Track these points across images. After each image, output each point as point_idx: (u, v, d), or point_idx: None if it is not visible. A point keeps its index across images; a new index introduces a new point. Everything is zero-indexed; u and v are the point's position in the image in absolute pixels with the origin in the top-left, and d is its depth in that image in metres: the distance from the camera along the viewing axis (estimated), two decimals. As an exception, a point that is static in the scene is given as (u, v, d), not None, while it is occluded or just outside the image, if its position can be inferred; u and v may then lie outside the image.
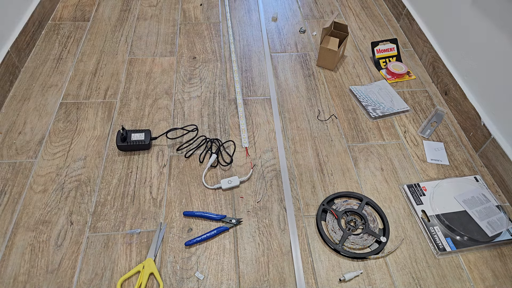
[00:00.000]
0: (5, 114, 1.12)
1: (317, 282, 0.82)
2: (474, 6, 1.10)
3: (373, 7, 1.65)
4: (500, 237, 0.89)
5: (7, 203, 0.92)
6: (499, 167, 1.00)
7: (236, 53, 1.38)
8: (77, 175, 0.98)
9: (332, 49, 1.26)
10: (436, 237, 0.89)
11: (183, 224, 0.90)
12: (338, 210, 0.93)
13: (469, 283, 0.83)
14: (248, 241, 0.88)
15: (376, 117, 1.16)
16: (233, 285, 0.81)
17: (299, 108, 1.19)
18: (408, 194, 0.97)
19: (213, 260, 0.84)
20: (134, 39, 1.41)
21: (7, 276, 0.80)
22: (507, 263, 0.86)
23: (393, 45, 1.36)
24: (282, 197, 0.96)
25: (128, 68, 1.29)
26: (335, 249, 0.86)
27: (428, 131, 1.13)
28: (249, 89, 1.24)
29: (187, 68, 1.31)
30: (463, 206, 0.94)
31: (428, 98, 1.25)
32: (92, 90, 1.21)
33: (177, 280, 0.81)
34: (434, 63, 1.30)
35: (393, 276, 0.83)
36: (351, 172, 1.02)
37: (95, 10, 1.55)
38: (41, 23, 1.42)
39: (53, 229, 0.87)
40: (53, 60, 1.30)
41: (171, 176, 0.99)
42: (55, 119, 1.11)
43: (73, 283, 0.79)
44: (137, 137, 1.02)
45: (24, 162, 1.00)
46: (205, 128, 1.11)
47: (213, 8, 1.60)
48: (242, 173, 1.01)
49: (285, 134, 1.11)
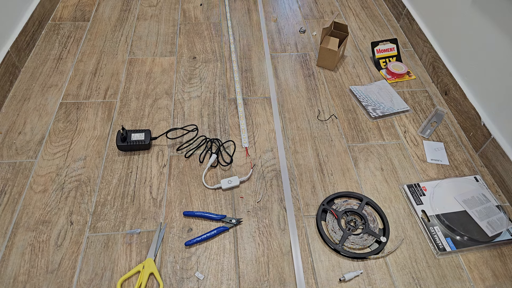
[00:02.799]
0: (5, 114, 1.12)
1: (317, 282, 0.82)
2: (474, 6, 1.10)
3: (373, 7, 1.65)
4: (500, 237, 0.89)
5: (7, 203, 0.92)
6: (499, 167, 1.00)
7: (236, 53, 1.38)
8: (77, 175, 0.98)
9: (332, 49, 1.26)
10: (436, 237, 0.89)
11: (183, 224, 0.90)
12: (338, 210, 0.93)
13: (469, 283, 0.83)
14: (248, 241, 0.88)
15: (376, 117, 1.16)
16: (233, 285, 0.81)
17: (299, 108, 1.19)
18: (408, 194, 0.97)
19: (213, 260, 0.84)
20: (134, 39, 1.41)
21: (7, 276, 0.80)
22: (507, 263, 0.86)
23: (393, 45, 1.36)
24: (282, 197, 0.96)
25: (128, 68, 1.29)
26: (335, 249, 0.86)
27: (428, 131, 1.13)
28: (249, 89, 1.24)
29: (187, 68, 1.31)
30: (463, 206, 0.94)
31: (428, 98, 1.25)
32: (92, 90, 1.21)
33: (177, 280, 0.81)
34: (434, 63, 1.30)
35: (393, 276, 0.83)
36: (351, 172, 1.02)
37: (95, 10, 1.55)
38: (41, 23, 1.42)
39: (53, 229, 0.87)
40: (53, 60, 1.31)
41: (171, 176, 0.99)
42: (55, 119, 1.11)
43: (73, 283, 0.79)
44: (137, 137, 1.02)
45: (24, 162, 1.00)
46: (205, 128, 1.11)
47: (213, 8, 1.60)
48: (242, 173, 1.01)
49: (285, 134, 1.11)
